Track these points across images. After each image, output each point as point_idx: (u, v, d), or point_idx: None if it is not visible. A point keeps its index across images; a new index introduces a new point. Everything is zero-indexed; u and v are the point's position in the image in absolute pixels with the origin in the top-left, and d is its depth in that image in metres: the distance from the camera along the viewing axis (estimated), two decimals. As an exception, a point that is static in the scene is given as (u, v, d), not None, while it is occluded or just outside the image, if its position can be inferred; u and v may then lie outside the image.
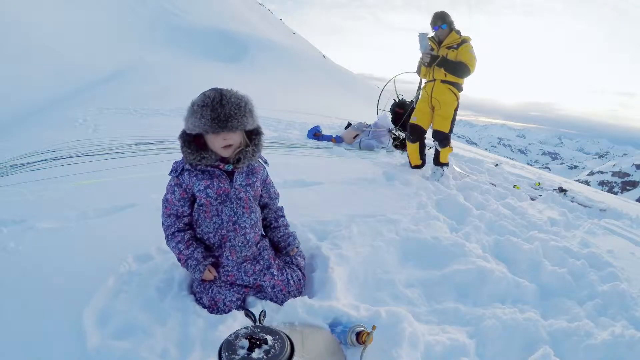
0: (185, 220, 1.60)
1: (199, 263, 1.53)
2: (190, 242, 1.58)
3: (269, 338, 1.12)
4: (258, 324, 1.37)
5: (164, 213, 1.59)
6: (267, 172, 1.73)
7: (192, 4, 22.15)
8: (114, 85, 8.51)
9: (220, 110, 1.40)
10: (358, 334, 1.33)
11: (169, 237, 1.58)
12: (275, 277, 1.60)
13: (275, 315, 1.44)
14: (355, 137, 5.12)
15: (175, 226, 1.58)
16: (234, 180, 1.58)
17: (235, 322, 1.39)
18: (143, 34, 16.20)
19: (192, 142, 1.51)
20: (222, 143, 1.47)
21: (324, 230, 2.20)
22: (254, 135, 1.57)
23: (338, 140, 5.18)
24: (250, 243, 1.61)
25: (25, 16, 11.73)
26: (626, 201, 6.10)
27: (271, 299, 1.58)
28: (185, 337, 1.31)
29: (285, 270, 1.65)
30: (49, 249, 1.78)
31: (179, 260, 1.57)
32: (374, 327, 1.35)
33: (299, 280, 1.68)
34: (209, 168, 1.54)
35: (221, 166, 1.55)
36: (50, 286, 1.51)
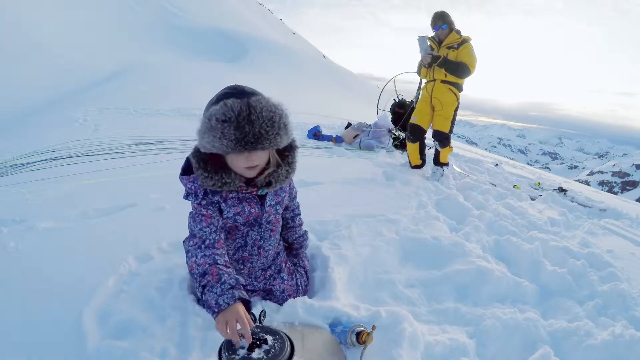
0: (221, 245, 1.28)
1: (232, 287, 1.13)
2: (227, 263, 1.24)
3: (269, 338, 1.12)
4: (258, 324, 1.37)
5: (192, 246, 1.25)
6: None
7: (192, 4, 22.15)
8: (114, 85, 8.50)
9: (248, 128, 1.10)
10: (358, 334, 1.33)
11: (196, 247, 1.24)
12: (285, 282, 1.56)
13: (275, 315, 1.44)
14: (355, 137, 5.12)
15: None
16: (265, 203, 1.38)
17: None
18: (143, 34, 16.20)
19: (208, 160, 1.22)
20: (245, 163, 1.20)
21: (324, 230, 2.20)
22: (287, 152, 1.31)
23: (338, 140, 5.18)
24: (269, 261, 1.53)
25: (25, 16, 11.73)
26: (626, 201, 6.10)
27: (276, 302, 1.55)
28: (185, 337, 1.31)
29: (295, 275, 1.62)
30: (49, 249, 1.78)
31: (195, 274, 1.19)
32: (374, 327, 1.35)
33: (306, 285, 1.67)
34: (239, 194, 1.31)
35: (254, 192, 1.32)
36: (50, 286, 1.51)
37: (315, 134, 5.35)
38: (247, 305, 1.17)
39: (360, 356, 1.30)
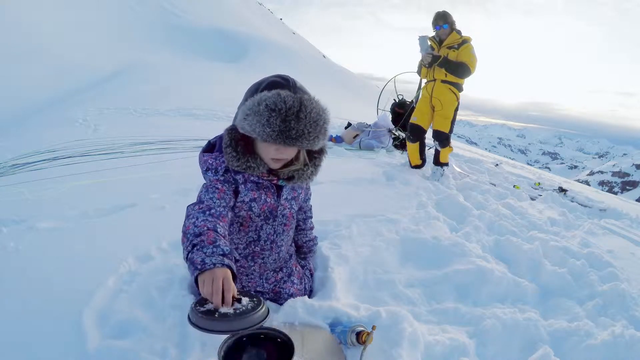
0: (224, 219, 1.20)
1: (224, 254, 1.04)
2: (221, 226, 1.14)
3: (245, 299, 1.05)
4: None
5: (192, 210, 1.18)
6: None
7: (192, 4, 22.16)
8: (114, 85, 8.51)
9: (294, 124, 1.12)
10: (358, 334, 1.33)
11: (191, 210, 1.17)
12: (295, 286, 1.55)
13: (275, 315, 1.44)
14: (355, 137, 5.13)
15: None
16: (281, 195, 1.38)
17: (235, 322, 1.38)
18: (143, 34, 16.21)
19: (240, 141, 1.23)
20: (274, 155, 1.21)
21: (324, 230, 2.20)
22: (316, 154, 1.33)
23: (338, 140, 5.18)
24: (282, 259, 1.50)
25: (25, 16, 11.73)
26: (626, 201, 6.10)
27: (281, 304, 1.53)
28: (185, 337, 1.31)
29: (304, 280, 1.62)
30: (49, 249, 1.78)
31: (190, 233, 1.09)
32: (374, 327, 1.35)
33: (311, 289, 1.67)
34: (259, 180, 1.30)
35: (275, 181, 1.31)
36: (50, 286, 1.51)
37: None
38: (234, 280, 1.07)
39: (360, 356, 1.30)
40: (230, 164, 1.24)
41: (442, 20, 3.60)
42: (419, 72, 3.97)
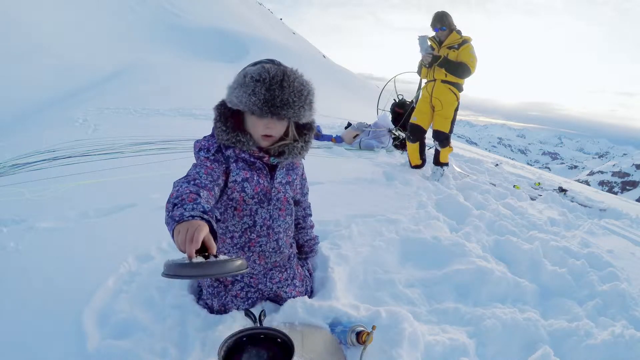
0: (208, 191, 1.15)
1: (204, 211, 1.01)
2: (203, 192, 1.11)
3: (223, 257, 0.98)
4: (258, 324, 1.37)
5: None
6: (303, 165, 1.56)
7: (192, 4, 22.17)
8: (114, 85, 8.51)
9: (278, 92, 1.17)
10: (358, 334, 1.33)
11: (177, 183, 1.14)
12: (297, 289, 1.55)
13: (275, 315, 1.44)
14: (355, 137, 5.12)
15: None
16: (275, 177, 1.38)
17: (235, 322, 1.38)
18: (143, 34, 16.22)
19: (229, 117, 1.27)
20: (263, 130, 1.25)
21: (324, 230, 2.20)
22: (305, 130, 1.36)
23: (338, 140, 5.18)
24: (282, 249, 1.46)
25: (25, 16, 11.73)
26: (626, 201, 6.10)
27: (281, 305, 1.52)
28: (185, 337, 1.31)
29: (306, 282, 1.62)
30: (49, 249, 1.78)
31: (172, 197, 1.08)
32: (374, 327, 1.35)
33: (312, 290, 1.67)
34: (250, 158, 1.30)
35: (266, 159, 1.33)
36: (50, 286, 1.51)
37: (315, 134, 5.34)
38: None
39: (360, 356, 1.30)
40: (219, 138, 1.27)
41: (440, 22, 3.59)
42: (419, 72, 3.97)
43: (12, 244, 1.77)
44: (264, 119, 1.22)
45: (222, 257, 0.97)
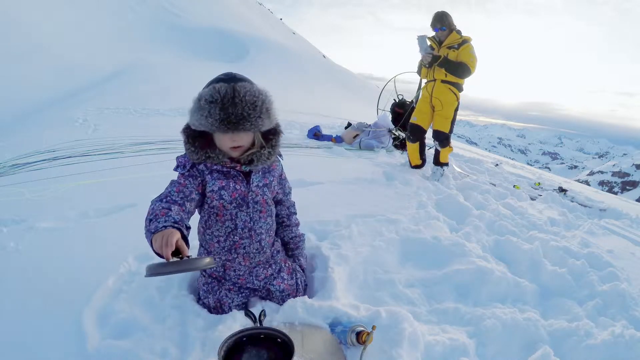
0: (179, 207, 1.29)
1: (175, 222, 1.19)
2: (174, 208, 1.25)
3: (194, 257, 1.13)
4: (258, 324, 1.37)
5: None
6: (282, 166, 1.61)
7: (192, 4, 22.16)
8: (114, 85, 8.51)
9: (231, 110, 1.23)
10: (358, 334, 1.33)
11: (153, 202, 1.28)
12: (285, 281, 1.57)
13: (275, 315, 1.44)
14: (355, 137, 5.12)
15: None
16: (251, 182, 1.44)
17: (235, 322, 1.38)
18: (143, 34, 16.21)
19: (197, 137, 1.34)
20: (230, 143, 1.32)
21: (324, 230, 2.20)
22: (271, 135, 1.42)
23: (338, 140, 5.18)
24: (264, 249, 1.51)
25: (25, 16, 11.73)
26: (626, 201, 6.10)
27: (276, 302, 1.55)
28: (185, 337, 1.31)
29: (295, 275, 1.63)
30: (49, 249, 1.78)
31: (147, 215, 1.24)
32: (374, 327, 1.35)
33: (305, 284, 1.68)
34: (223, 169, 1.39)
35: (238, 167, 1.40)
36: (50, 286, 1.51)
37: (316, 133, 5.35)
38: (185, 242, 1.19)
39: (360, 356, 1.30)
40: (191, 157, 1.36)
41: (439, 22, 3.59)
42: (419, 72, 3.97)
43: (12, 244, 1.77)
44: (227, 134, 1.29)
45: (193, 257, 1.13)
